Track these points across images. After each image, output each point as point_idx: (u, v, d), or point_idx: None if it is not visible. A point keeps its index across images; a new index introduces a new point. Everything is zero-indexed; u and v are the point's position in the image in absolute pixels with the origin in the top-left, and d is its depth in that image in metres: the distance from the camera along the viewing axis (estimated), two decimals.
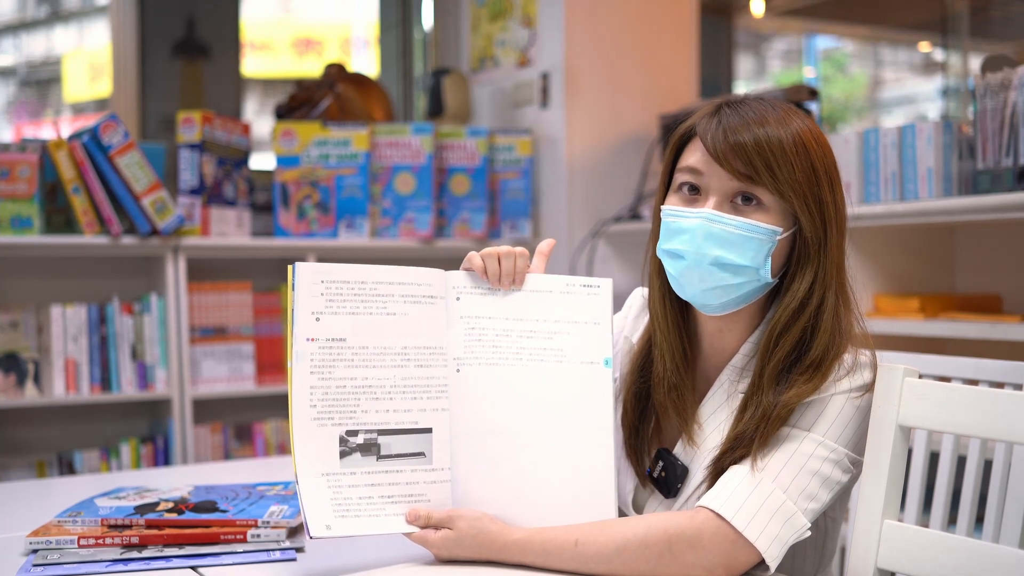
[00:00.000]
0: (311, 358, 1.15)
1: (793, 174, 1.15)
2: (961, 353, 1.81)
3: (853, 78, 6.35)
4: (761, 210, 1.16)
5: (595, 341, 1.24)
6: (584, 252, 3.03)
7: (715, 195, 1.17)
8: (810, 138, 1.18)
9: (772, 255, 1.17)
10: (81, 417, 2.78)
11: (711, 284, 1.18)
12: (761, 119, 1.17)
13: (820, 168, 1.18)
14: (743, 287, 1.18)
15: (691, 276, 1.19)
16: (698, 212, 1.17)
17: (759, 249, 1.16)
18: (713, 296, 1.19)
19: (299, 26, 5.78)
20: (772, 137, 1.15)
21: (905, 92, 6.26)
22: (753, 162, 1.14)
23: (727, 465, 1.17)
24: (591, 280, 1.26)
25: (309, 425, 1.14)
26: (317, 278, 1.17)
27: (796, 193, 1.15)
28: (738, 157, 1.15)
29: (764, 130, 1.15)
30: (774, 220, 1.17)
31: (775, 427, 1.15)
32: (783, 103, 1.22)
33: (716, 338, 1.26)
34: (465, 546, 1.14)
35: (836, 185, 1.20)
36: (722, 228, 1.16)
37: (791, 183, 1.15)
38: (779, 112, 1.19)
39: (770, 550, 1.11)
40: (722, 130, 1.17)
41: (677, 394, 1.25)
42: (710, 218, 1.16)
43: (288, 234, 2.89)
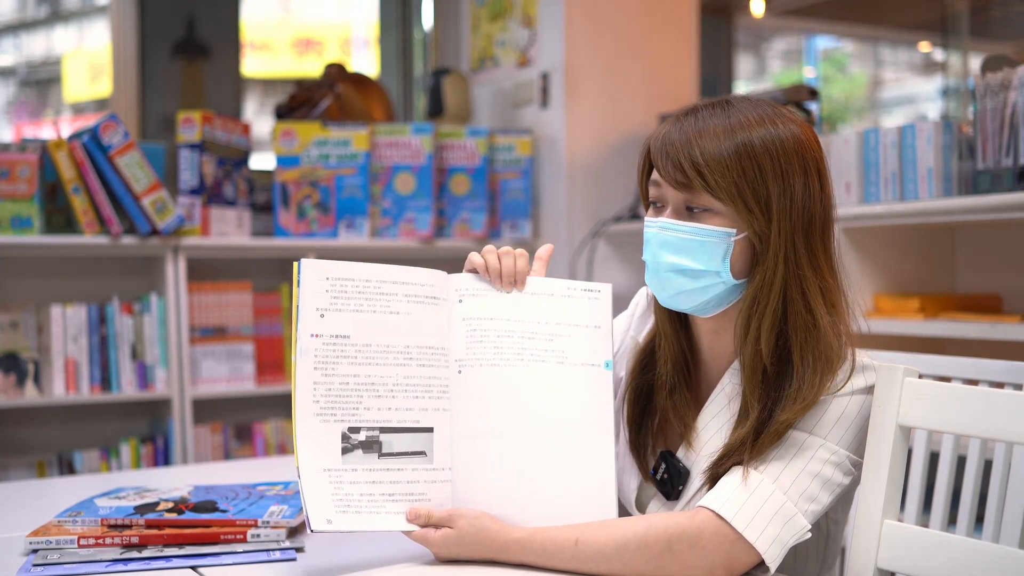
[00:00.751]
0: (315, 354, 1.16)
1: (727, 178, 1.15)
2: (961, 353, 1.81)
3: (853, 78, 6.35)
4: (712, 215, 1.17)
5: (596, 344, 1.26)
6: (584, 252, 3.03)
7: (670, 204, 1.20)
8: (767, 137, 1.16)
9: (732, 256, 1.18)
10: (81, 417, 2.78)
11: (673, 290, 1.21)
12: (701, 130, 1.17)
13: (769, 166, 1.15)
14: (708, 290, 1.19)
15: (654, 284, 1.23)
16: (653, 222, 1.21)
17: (713, 252, 1.17)
18: (680, 301, 1.21)
19: (299, 26, 5.78)
20: (705, 147, 1.16)
21: (905, 92, 6.26)
22: (685, 171, 1.16)
23: (723, 471, 1.17)
24: (592, 285, 1.28)
25: (312, 421, 1.15)
26: (322, 275, 1.18)
27: (730, 196, 1.15)
28: (675, 168, 1.17)
29: (699, 138, 1.16)
30: (727, 223, 1.17)
31: (770, 440, 1.15)
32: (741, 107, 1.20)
33: (713, 340, 1.27)
34: (465, 545, 1.14)
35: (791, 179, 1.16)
36: (673, 235, 1.19)
37: (725, 189, 1.15)
38: (729, 118, 1.18)
39: (770, 551, 1.11)
40: (660, 142, 1.20)
41: (678, 397, 1.26)
42: (662, 226, 1.20)
43: (288, 234, 2.89)
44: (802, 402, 1.14)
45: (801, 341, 1.16)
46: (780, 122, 1.18)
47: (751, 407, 1.17)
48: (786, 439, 1.16)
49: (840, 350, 1.18)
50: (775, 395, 1.17)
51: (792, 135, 1.18)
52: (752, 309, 1.18)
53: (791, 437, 1.16)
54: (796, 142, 1.18)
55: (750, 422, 1.16)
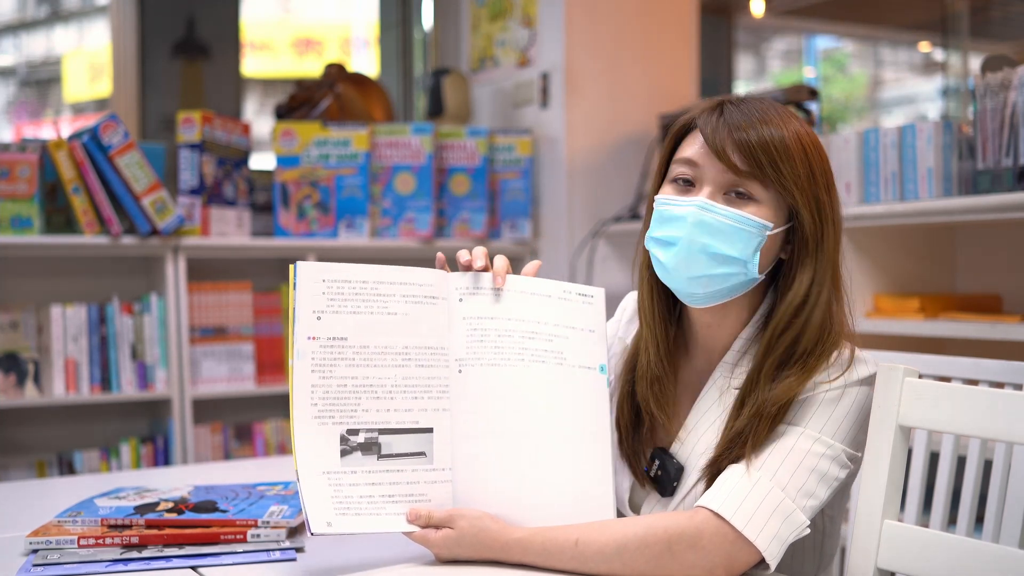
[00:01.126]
0: (312, 356, 1.15)
1: (796, 171, 1.17)
2: (961, 353, 1.81)
3: (853, 78, 6.35)
4: (754, 204, 1.18)
5: (591, 347, 1.26)
6: (584, 252, 3.03)
7: (709, 186, 1.19)
8: (808, 140, 1.21)
9: (761, 251, 1.18)
10: (81, 417, 2.78)
11: (697, 272, 1.19)
12: (764, 117, 1.19)
13: (818, 169, 1.20)
14: (729, 279, 1.19)
15: (679, 263, 1.19)
16: (691, 200, 1.19)
17: (748, 242, 1.17)
18: (698, 285, 1.20)
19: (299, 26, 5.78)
20: (775, 135, 1.17)
21: (905, 92, 6.26)
22: (757, 157, 1.16)
23: (725, 465, 1.17)
24: (585, 289, 1.29)
25: (310, 423, 1.14)
26: (319, 277, 1.17)
27: (799, 189, 1.17)
28: (740, 152, 1.17)
29: (768, 128, 1.18)
30: (766, 215, 1.18)
31: (767, 424, 1.15)
32: (781, 105, 1.24)
33: (707, 333, 1.26)
34: (466, 545, 1.14)
35: (831, 188, 1.22)
36: (714, 217, 1.18)
37: (794, 179, 1.17)
38: (780, 113, 1.21)
39: (770, 548, 1.11)
40: (724, 125, 1.18)
41: (660, 387, 1.26)
42: (703, 206, 1.18)
43: (288, 234, 2.89)
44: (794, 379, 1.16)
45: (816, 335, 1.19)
46: (807, 126, 1.22)
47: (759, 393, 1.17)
48: (782, 434, 1.16)
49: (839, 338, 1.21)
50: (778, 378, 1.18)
51: (819, 143, 1.23)
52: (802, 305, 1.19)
53: (787, 432, 1.16)
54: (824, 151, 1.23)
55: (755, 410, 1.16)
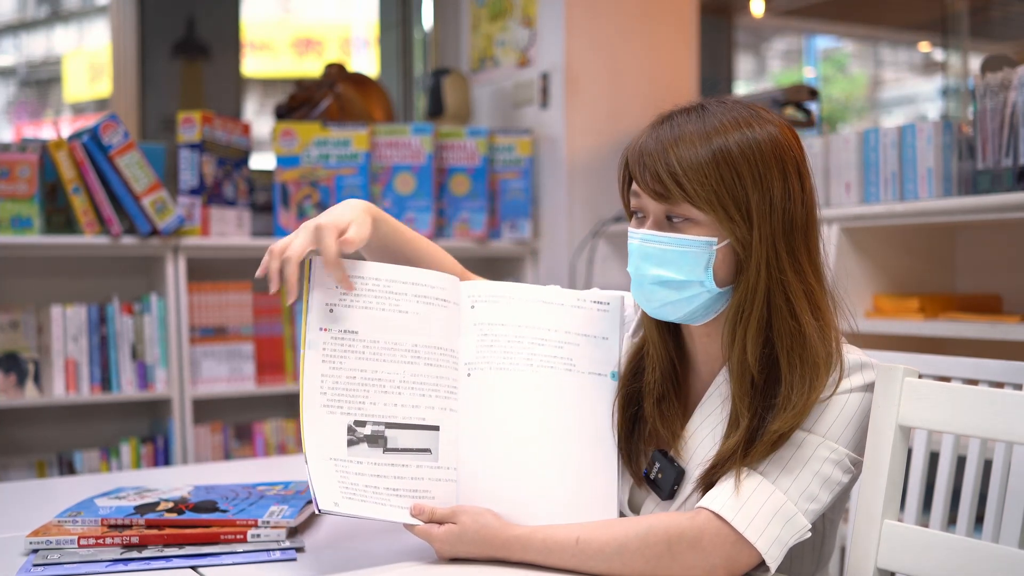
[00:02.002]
0: (323, 347, 1.17)
1: (705, 185, 1.13)
2: (961, 353, 1.81)
3: (853, 78, 6.35)
4: (693, 224, 1.16)
5: (603, 354, 1.27)
6: (584, 252, 3.03)
7: (651, 216, 1.19)
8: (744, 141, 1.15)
9: (715, 265, 1.16)
10: (81, 417, 2.78)
11: (658, 302, 1.19)
12: (676, 136, 1.16)
13: (747, 171, 1.14)
14: (693, 300, 1.18)
15: (639, 297, 1.21)
16: (635, 233, 1.19)
17: (695, 262, 1.16)
18: (666, 312, 1.20)
19: (299, 26, 5.78)
20: (683, 155, 1.14)
21: (905, 92, 6.26)
22: (663, 181, 1.15)
23: (719, 476, 1.16)
24: (602, 296, 1.30)
25: (319, 411, 1.16)
26: None
27: (710, 204, 1.13)
28: (652, 178, 1.16)
29: (676, 148, 1.14)
30: (708, 232, 1.15)
31: (764, 449, 1.14)
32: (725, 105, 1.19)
33: (706, 343, 1.26)
34: (468, 541, 1.15)
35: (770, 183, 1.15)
36: (655, 247, 1.17)
37: (705, 197, 1.13)
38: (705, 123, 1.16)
39: (770, 551, 1.11)
40: (637, 152, 1.18)
41: (665, 406, 1.25)
42: (644, 238, 1.18)
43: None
44: (792, 410, 1.13)
45: (787, 347, 1.15)
46: (756, 124, 1.17)
47: (741, 415, 1.16)
48: (786, 439, 1.16)
49: (828, 354, 1.17)
50: (765, 403, 1.16)
51: (769, 136, 1.16)
52: (737, 317, 1.17)
53: (791, 436, 1.16)
54: (774, 143, 1.16)
55: (741, 430, 1.15)
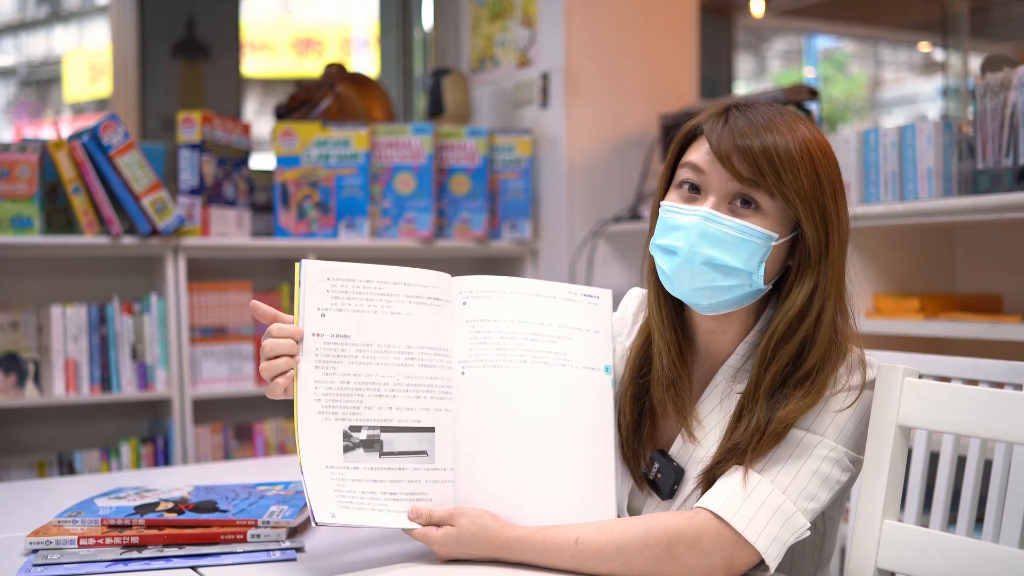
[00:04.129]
0: (316, 353, 1.17)
1: (799, 180, 1.14)
2: (961, 353, 1.81)
3: (853, 78, 6.35)
4: (759, 214, 1.16)
5: (596, 348, 1.27)
6: (584, 252, 3.03)
7: (714, 195, 1.17)
8: (816, 148, 1.17)
9: (766, 261, 1.17)
10: (81, 417, 2.78)
11: (701, 284, 1.17)
12: (769, 124, 1.16)
13: (825, 178, 1.17)
14: (734, 290, 1.18)
15: (682, 274, 1.18)
16: (696, 210, 1.17)
17: (753, 253, 1.16)
18: (703, 296, 1.19)
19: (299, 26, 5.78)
20: (780, 143, 1.15)
21: (905, 92, 6.26)
22: (759, 165, 1.14)
23: (720, 473, 1.16)
24: (591, 290, 1.29)
25: (314, 419, 1.15)
26: (323, 275, 1.19)
27: (801, 199, 1.15)
28: (743, 160, 1.14)
29: (772, 135, 1.15)
30: (771, 226, 1.16)
31: (770, 442, 1.14)
32: (790, 110, 1.21)
33: (710, 338, 1.26)
34: (466, 543, 1.14)
35: (840, 196, 1.19)
36: (718, 228, 1.16)
37: (796, 189, 1.14)
38: (787, 119, 1.18)
39: (770, 550, 1.11)
40: (729, 131, 1.16)
41: (675, 391, 1.25)
42: (707, 217, 1.16)
43: (288, 234, 2.89)
44: (803, 399, 1.15)
45: (823, 355, 1.17)
46: (817, 132, 1.19)
47: (758, 408, 1.16)
48: (785, 437, 1.16)
49: (846, 353, 1.19)
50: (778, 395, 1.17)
51: (833, 153, 1.19)
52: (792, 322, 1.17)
53: (789, 435, 1.16)
54: (834, 156, 1.19)
55: (754, 423, 1.15)
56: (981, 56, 4.46)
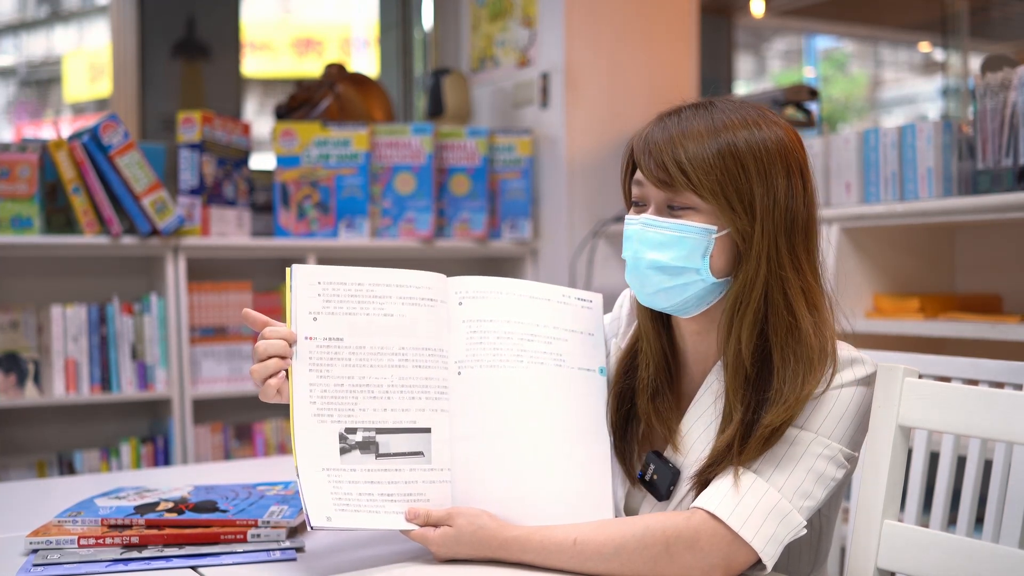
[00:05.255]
0: (309, 356, 1.17)
1: (710, 175, 1.15)
2: (961, 353, 1.81)
3: (853, 78, 6.35)
4: (695, 213, 1.17)
5: (590, 350, 1.28)
6: (584, 252, 3.03)
7: (652, 204, 1.20)
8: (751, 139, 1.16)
9: (712, 255, 1.17)
10: (81, 417, 2.78)
11: (651, 287, 1.20)
12: (684, 129, 1.18)
13: (753, 167, 1.16)
14: (687, 288, 1.19)
15: (633, 281, 1.22)
16: (636, 219, 1.21)
17: (693, 249, 1.17)
18: (659, 299, 1.21)
19: (299, 26, 5.78)
20: (688, 143, 1.16)
21: (905, 92, 6.26)
22: (668, 170, 1.16)
23: (714, 475, 1.16)
24: (584, 294, 1.31)
25: (309, 422, 1.15)
26: (314, 279, 1.19)
27: (713, 193, 1.15)
28: (657, 166, 1.17)
29: (682, 137, 1.17)
30: (706, 220, 1.17)
31: (758, 444, 1.14)
32: (734, 104, 1.21)
33: (696, 341, 1.26)
34: (464, 543, 1.15)
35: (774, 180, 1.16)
36: (655, 231, 1.18)
37: (708, 185, 1.15)
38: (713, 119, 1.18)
39: (767, 549, 1.11)
40: (643, 141, 1.20)
41: (660, 401, 1.26)
42: (644, 223, 1.19)
43: (288, 234, 2.89)
44: (783, 404, 1.14)
45: (782, 342, 1.16)
46: (764, 124, 1.18)
47: (734, 409, 1.17)
48: (780, 435, 1.16)
49: (823, 350, 1.17)
50: (758, 397, 1.16)
51: (776, 137, 1.18)
52: (734, 308, 1.18)
53: (784, 432, 1.16)
54: (779, 144, 1.18)
55: (734, 425, 1.16)
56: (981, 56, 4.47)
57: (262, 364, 1.17)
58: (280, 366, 1.17)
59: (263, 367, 1.16)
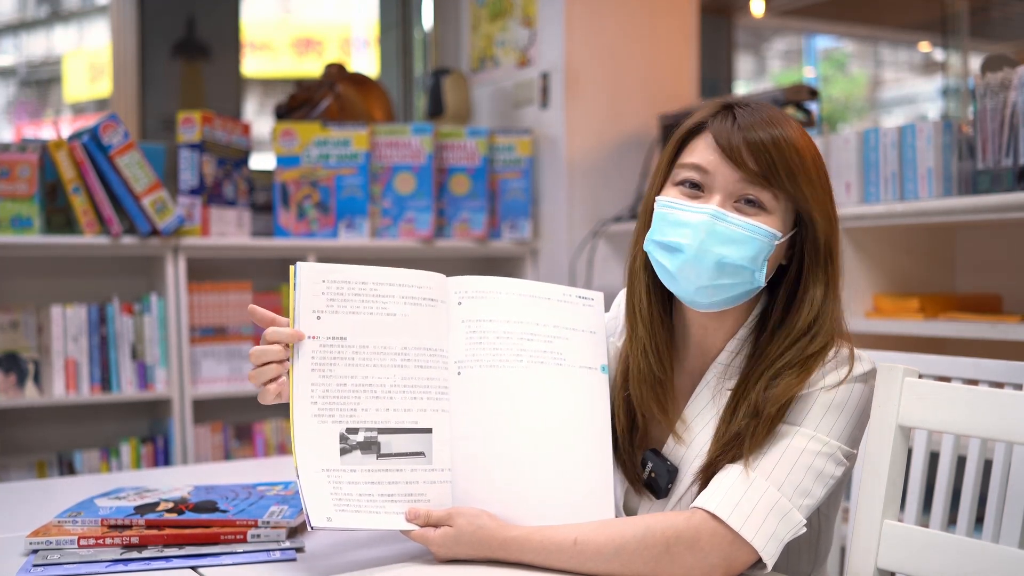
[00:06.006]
0: (312, 356, 1.16)
1: (808, 174, 1.16)
2: (961, 353, 1.81)
3: (853, 78, 6.35)
4: (764, 213, 1.16)
5: (592, 348, 1.27)
6: (584, 252, 3.03)
7: (720, 193, 1.17)
8: (811, 144, 1.20)
9: (769, 260, 1.17)
10: (81, 417, 2.78)
11: (706, 282, 1.17)
12: (773, 120, 1.17)
13: (824, 174, 1.20)
14: (736, 288, 1.18)
15: (688, 271, 1.17)
16: (703, 207, 1.17)
17: (759, 252, 1.16)
18: (705, 294, 1.18)
19: (299, 26, 5.78)
20: (787, 136, 1.16)
21: (905, 92, 6.26)
22: (771, 160, 1.14)
23: (720, 468, 1.16)
24: (585, 292, 1.30)
25: (310, 421, 1.15)
26: (318, 277, 1.18)
27: (812, 194, 1.16)
28: (754, 155, 1.15)
29: (779, 129, 1.16)
30: (775, 224, 1.17)
31: (766, 425, 1.15)
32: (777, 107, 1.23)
33: (702, 336, 1.26)
34: (465, 543, 1.14)
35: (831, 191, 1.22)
36: (726, 227, 1.16)
37: (807, 183, 1.16)
38: (782, 114, 1.20)
39: (767, 548, 1.11)
40: (739, 128, 1.16)
41: (661, 389, 1.25)
42: (716, 215, 1.16)
43: (288, 234, 2.89)
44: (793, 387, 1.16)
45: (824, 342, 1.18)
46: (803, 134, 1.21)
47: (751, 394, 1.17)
48: (778, 433, 1.16)
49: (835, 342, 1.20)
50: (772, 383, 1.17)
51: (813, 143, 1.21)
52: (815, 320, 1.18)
53: (783, 431, 1.16)
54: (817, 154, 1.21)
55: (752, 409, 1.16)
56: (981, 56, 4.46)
57: (259, 370, 1.16)
58: (277, 371, 1.16)
59: (260, 373, 1.16)
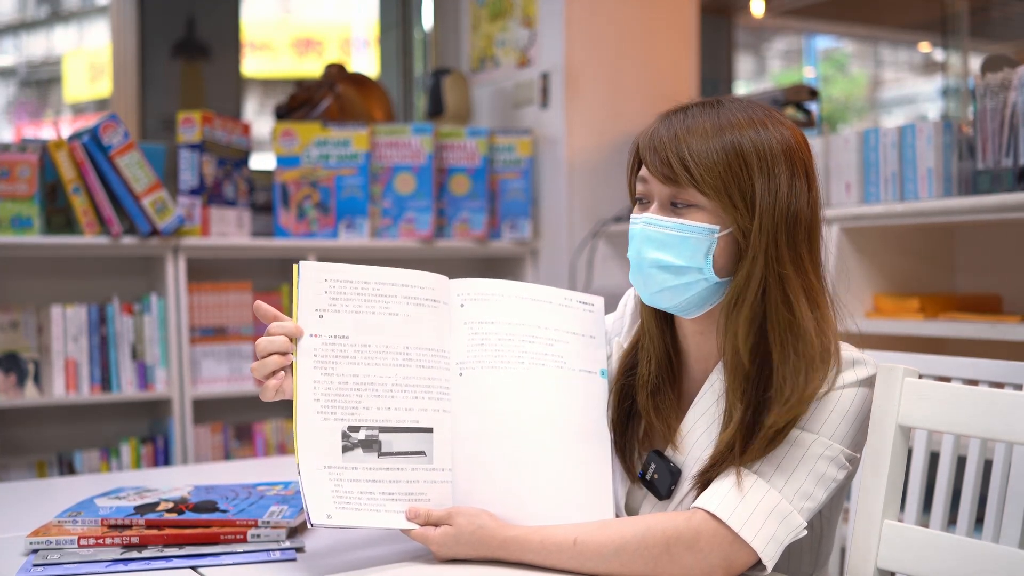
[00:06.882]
0: (314, 353, 1.17)
1: (713, 171, 1.15)
2: (961, 353, 1.81)
3: (853, 78, 6.35)
4: (697, 211, 1.17)
5: (592, 352, 1.28)
6: (584, 252, 3.03)
7: (656, 201, 1.20)
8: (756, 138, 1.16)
9: (715, 254, 1.17)
10: (81, 417, 2.78)
11: (655, 287, 1.20)
12: (689, 126, 1.18)
13: (756, 165, 1.15)
14: (690, 287, 1.18)
15: (637, 280, 1.22)
16: (638, 217, 1.21)
17: (696, 248, 1.17)
18: (662, 299, 1.21)
19: (299, 26, 5.78)
20: (692, 140, 1.16)
21: (905, 92, 6.26)
22: (672, 166, 1.16)
23: (714, 476, 1.16)
24: (586, 297, 1.31)
25: (313, 418, 1.15)
26: (321, 276, 1.19)
27: (715, 190, 1.15)
28: (662, 163, 1.17)
29: (687, 135, 1.17)
30: (710, 219, 1.17)
31: (762, 445, 1.14)
32: (741, 104, 1.21)
33: (698, 341, 1.26)
34: (465, 542, 1.15)
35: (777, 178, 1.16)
36: (657, 230, 1.18)
37: (711, 182, 1.15)
38: (719, 117, 1.18)
39: (767, 550, 1.11)
40: (649, 138, 1.20)
41: (659, 397, 1.26)
42: (647, 222, 1.19)
43: (288, 234, 2.89)
44: (786, 403, 1.13)
45: (781, 339, 1.15)
46: (770, 124, 1.18)
47: (734, 408, 1.16)
48: (779, 436, 1.15)
49: (824, 349, 1.17)
50: (759, 396, 1.16)
51: (781, 137, 1.18)
52: (732, 305, 1.17)
53: (786, 433, 1.15)
54: (784, 144, 1.18)
55: (735, 424, 1.15)
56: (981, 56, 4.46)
57: (262, 362, 1.17)
58: (280, 363, 1.17)
59: (262, 364, 1.17)
